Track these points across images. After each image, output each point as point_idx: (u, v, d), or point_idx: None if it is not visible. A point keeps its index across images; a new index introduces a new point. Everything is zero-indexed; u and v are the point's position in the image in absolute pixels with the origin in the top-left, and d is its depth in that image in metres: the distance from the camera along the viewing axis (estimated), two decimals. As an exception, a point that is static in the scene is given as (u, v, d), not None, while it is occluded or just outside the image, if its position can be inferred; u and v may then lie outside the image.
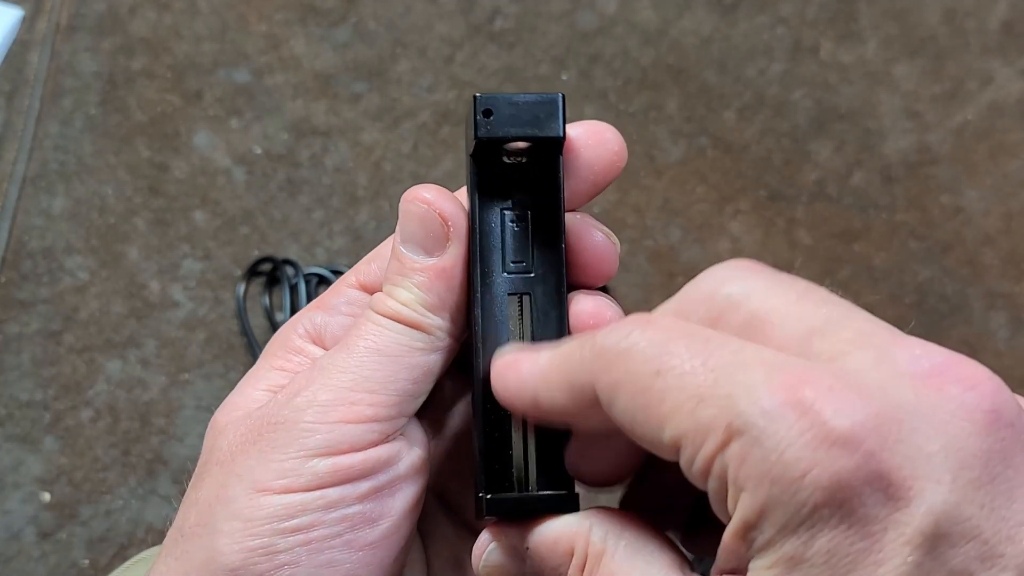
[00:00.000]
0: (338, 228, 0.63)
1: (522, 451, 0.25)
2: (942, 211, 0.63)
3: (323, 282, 0.61)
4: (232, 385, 0.61)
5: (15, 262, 0.62)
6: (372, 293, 0.26)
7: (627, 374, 0.20)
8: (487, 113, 0.25)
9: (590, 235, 0.25)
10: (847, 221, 0.63)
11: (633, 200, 0.64)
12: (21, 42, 0.69)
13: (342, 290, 0.27)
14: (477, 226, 0.25)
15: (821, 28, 0.69)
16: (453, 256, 0.24)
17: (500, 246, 0.25)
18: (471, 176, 0.26)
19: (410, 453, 0.24)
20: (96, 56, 0.69)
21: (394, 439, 0.24)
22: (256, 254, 0.62)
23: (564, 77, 0.68)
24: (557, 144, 0.25)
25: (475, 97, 0.24)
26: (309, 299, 0.60)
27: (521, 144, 0.25)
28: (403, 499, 0.24)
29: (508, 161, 0.26)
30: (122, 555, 0.54)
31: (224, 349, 0.60)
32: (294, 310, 0.59)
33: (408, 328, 0.24)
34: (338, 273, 0.61)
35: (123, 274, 0.62)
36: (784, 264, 0.62)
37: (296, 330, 0.27)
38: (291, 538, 0.22)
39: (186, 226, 0.63)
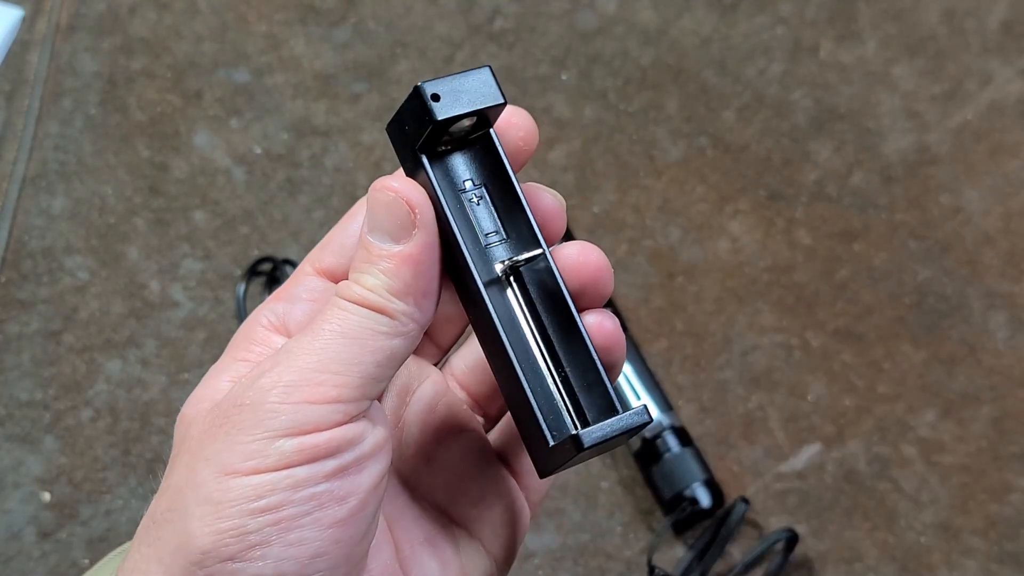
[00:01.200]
0: (338, 228, 0.63)
1: (558, 393, 0.26)
2: (941, 211, 0.63)
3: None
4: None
5: (15, 262, 0.62)
6: (330, 279, 0.27)
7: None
8: (435, 97, 0.26)
9: (540, 197, 0.27)
10: (847, 221, 0.63)
11: (633, 200, 0.64)
12: (21, 42, 0.69)
13: (301, 279, 0.28)
14: (449, 213, 0.26)
15: (821, 28, 0.69)
16: (419, 243, 0.25)
17: (470, 226, 0.27)
18: (427, 166, 0.26)
19: (374, 432, 0.25)
20: (96, 56, 0.69)
21: (358, 419, 0.24)
22: (256, 254, 0.62)
23: (564, 77, 0.68)
24: (497, 112, 0.26)
25: (419, 86, 0.26)
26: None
27: (466, 121, 0.26)
28: (369, 477, 0.24)
29: (442, 149, 0.27)
30: (122, 555, 0.54)
31: (224, 349, 0.60)
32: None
33: (373, 312, 0.24)
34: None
35: (123, 274, 0.62)
36: (784, 264, 0.62)
37: (259, 321, 0.27)
38: (260, 518, 0.23)
39: (186, 226, 0.63)
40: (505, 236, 0.27)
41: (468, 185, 0.27)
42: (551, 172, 0.64)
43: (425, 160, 0.26)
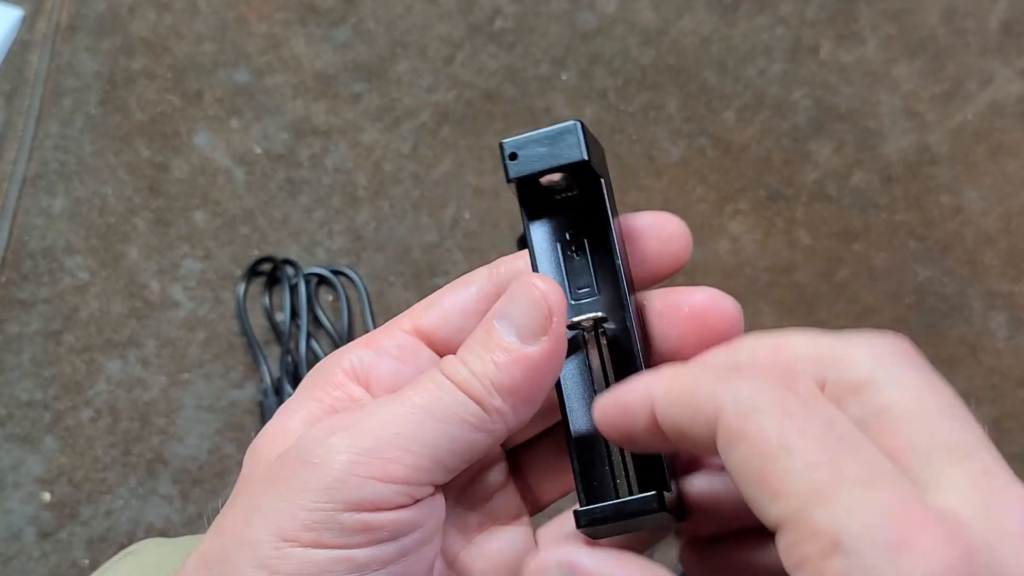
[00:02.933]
0: (338, 228, 0.63)
1: (621, 466, 0.25)
2: (942, 211, 0.63)
3: (323, 282, 0.61)
4: (233, 384, 0.61)
5: (15, 262, 0.62)
6: (425, 341, 0.26)
7: (754, 433, 0.19)
8: (513, 156, 0.26)
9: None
10: (847, 221, 0.63)
11: (633, 200, 0.64)
12: (21, 42, 0.69)
13: (394, 332, 0.26)
14: (539, 261, 0.26)
15: (821, 28, 0.69)
16: (545, 350, 0.23)
17: (563, 276, 0.26)
18: (524, 218, 0.26)
19: (433, 515, 0.24)
20: (96, 56, 0.69)
21: (421, 503, 0.23)
22: (256, 254, 0.62)
23: (564, 77, 0.68)
24: (585, 167, 0.26)
25: (501, 144, 0.26)
26: (309, 300, 0.60)
27: (555, 176, 0.26)
28: (425, 561, 0.23)
29: (559, 197, 0.27)
30: (122, 555, 0.55)
31: (224, 349, 0.60)
32: (294, 310, 0.59)
33: (468, 400, 0.23)
34: (338, 273, 0.61)
35: (123, 274, 0.62)
36: (785, 264, 0.62)
37: (341, 364, 0.26)
38: None
39: (186, 226, 0.63)
40: (597, 292, 0.26)
41: (568, 236, 0.27)
42: (551, 172, 0.65)
43: (523, 213, 0.26)
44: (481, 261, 0.64)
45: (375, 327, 0.61)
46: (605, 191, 0.26)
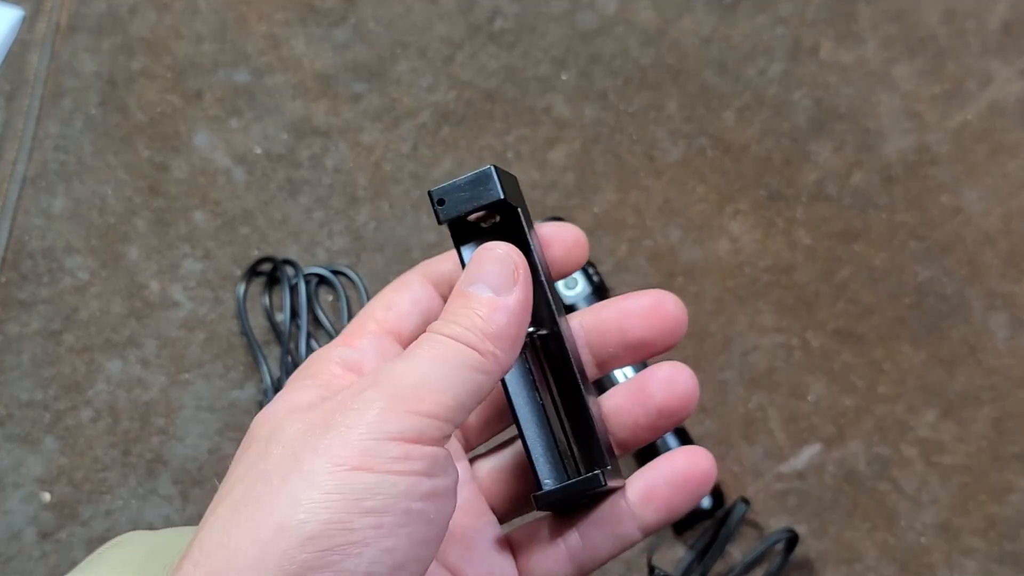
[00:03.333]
0: (338, 228, 0.63)
1: (567, 450, 0.31)
2: (942, 211, 0.63)
3: (323, 282, 0.61)
4: (233, 385, 0.61)
5: (15, 262, 0.62)
6: (392, 336, 0.31)
7: None
8: (440, 202, 0.31)
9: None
10: (847, 221, 0.63)
11: (633, 200, 0.64)
12: (21, 42, 0.69)
13: (363, 333, 0.31)
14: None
15: (821, 28, 0.69)
16: (518, 296, 0.28)
17: None
18: (458, 250, 0.32)
19: (453, 469, 0.27)
20: (96, 56, 0.69)
21: (446, 445, 0.27)
22: (256, 254, 0.62)
23: (564, 77, 0.68)
24: (501, 204, 0.30)
25: (429, 193, 0.31)
26: (309, 300, 0.60)
27: (479, 213, 0.31)
28: (449, 508, 0.27)
29: (484, 226, 0.32)
30: (122, 555, 0.55)
31: (224, 349, 0.60)
32: (294, 310, 0.59)
33: (466, 348, 0.27)
34: (338, 273, 0.61)
35: (123, 274, 0.62)
36: (784, 264, 0.62)
37: (331, 358, 0.29)
38: (365, 519, 0.24)
39: (186, 226, 0.63)
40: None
41: None
42: (551, 173, 0.64)
43: (456, 245, 0.32)
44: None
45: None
46: (522, 218, 0.31)
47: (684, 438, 0.55)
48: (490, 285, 0.28)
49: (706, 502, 0.53)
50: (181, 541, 0.27)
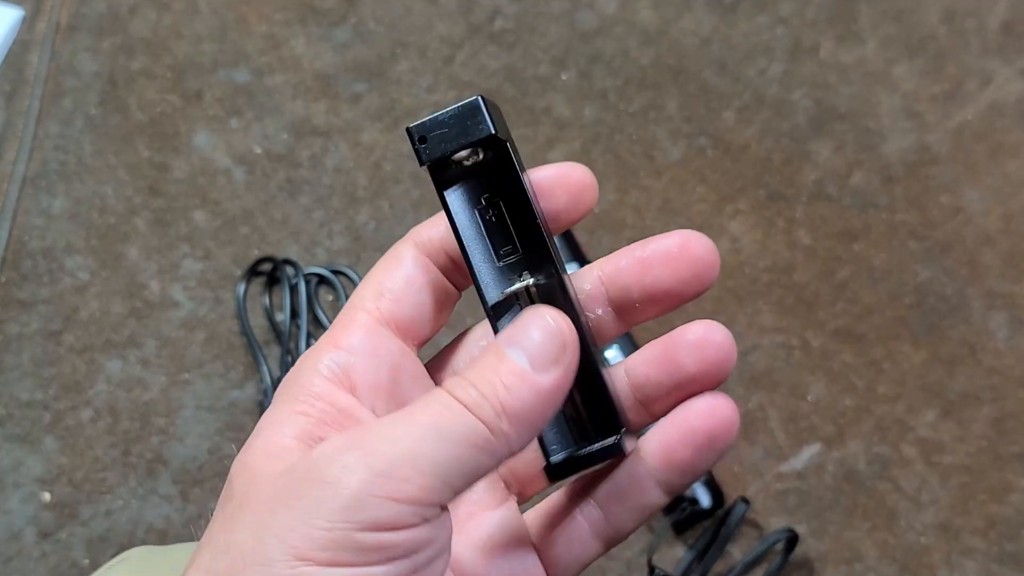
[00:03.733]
0: (338, 228, 0.63)
1: (571, 404, 0.27)
2: (942, 211, 0.63)
3: (323, 282, 0.61)
4: (233, 384, 0.61)
5: (15, 262, 0.62)
6: (394, 329, 0.27)
7: None
8: (422, 140, 0.27)
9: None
10: (847, 221, 0.63)
11: (633, 200, 0.64)
12: (21, 42, 0.69)
13: (354, 327, 0.27)
14: (462, 231, 0.27)
15: (821, 28, 0.69)
16: (555, 380, 0.24)
17: (487, 241, 0.28)
18: (439, 193, 0.28)
19: (443, 532, 0.24)
20: (96, 56, 0.69)
21: (431, 521, 0.23)
22: (256, 254, 0.62)
23: (564, 77, 0.68)
24: (494, 139, 0.27)
25: (407, 129, 0.27)
26: (309, 299, 0.60)
27: (463, 152, 0.27)
28: (437, 574, 0.24)
29: (468, 164, 0.28)
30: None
31: (224, 349, 0.60)
32: (294, 310, 0.59)
33: (476, 421, 0.23)
34: (338, 273, 0.61)
35: (123, 274, 0.62)
36: (784, 264, 0.62)
37: (318, 370, 0.26)
38: None
39: (186, 226, 0.63)
40: (520, 251, 0.28)
41: (484, 201, 0.28)
42: (551, 172, 0.65)
43: (438, 189, 0.28)
44: (481, 261, 0.64)
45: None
46: (512, 154, 0.27)
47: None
48: (529, 355, 0.24)
49: (706, 501, 0.53)
50: (187, 558, 0.24)
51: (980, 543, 0.54)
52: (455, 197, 0.28)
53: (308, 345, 0.58)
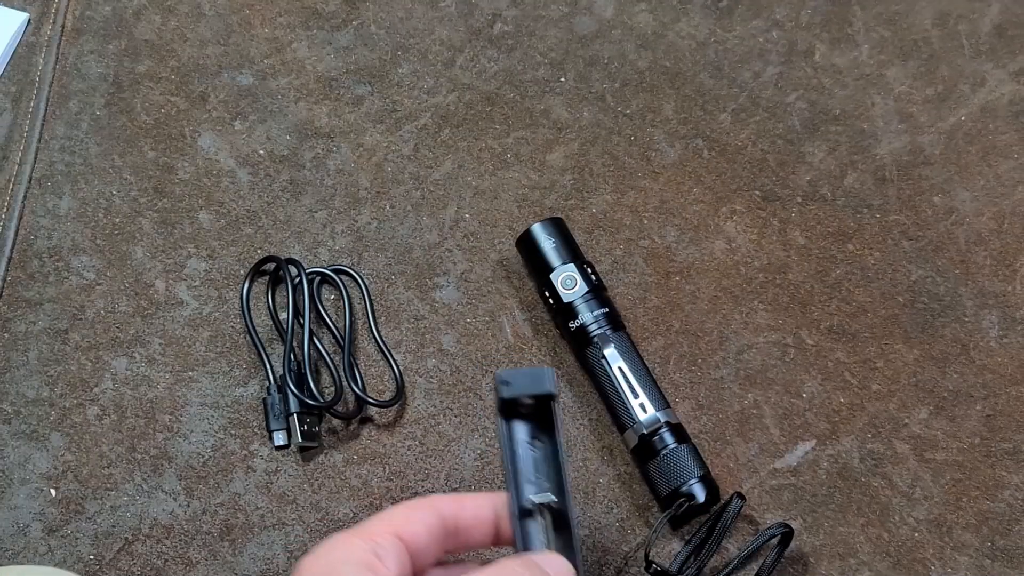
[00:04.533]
0: (340, 228, 0.64)
1: None
2: (934, 211, 0.64)
3: (326, 281, 0.62)
4: (237, 382, 0.62)
5: (22, 261, 0.63)
6: (402, 540, 0.38)
7: None
8: (505, 383, 0.41)
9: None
10: (840, 221, 0.64)
11: (630, 201, 0.65)
12: (27, 45, 0.70)
13: (382, 531, 0.39)
14: (511, 453, 0.42)
15: (815, 31, 0.70)
16: None
17: (529, 466, 0.42)
18: (504, 426, 0.42)
19: None
20: (102, 59, 0.69)
21: None
22: (260, 254, 0.63)
23: (562, 80, 0.69)
24: (550, 396, 0.41)
25: (496, 373, 0.43)
26: (312, 298, 0.61)
27: (529, 400, 0.41)
28: None
29: (523, 411, 0.42)
30: (127, 550, 0.55)
31: (228, 347, 0.61)
32: (296, 309, 0.60)
33: None
34: (340, 272, 0.62)
35: (129, 273, 0.63)
36: (779, 264, 0.63)
37: (353, 561, 0.37)
38: None
39: (191, 226, 0.64)
40: (550, 486, 0.42)
41: (531, 439, 0.43)
42: (550, 174, 0.65)
43: (502, 420, 0.42)
44: (481, 261, 0.65)
45: (376, 325, 0.61)
46: (554, 412, 0.41)
47: (680, 435, 0.56)
48: None
49: (701, 497, 0.54)
50: None
51: (972, 538, 0.55)
52: (516, 426, 0.42)
53: (311, 343, 0.59)
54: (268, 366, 0.59)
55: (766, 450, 0.57)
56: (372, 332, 0.60)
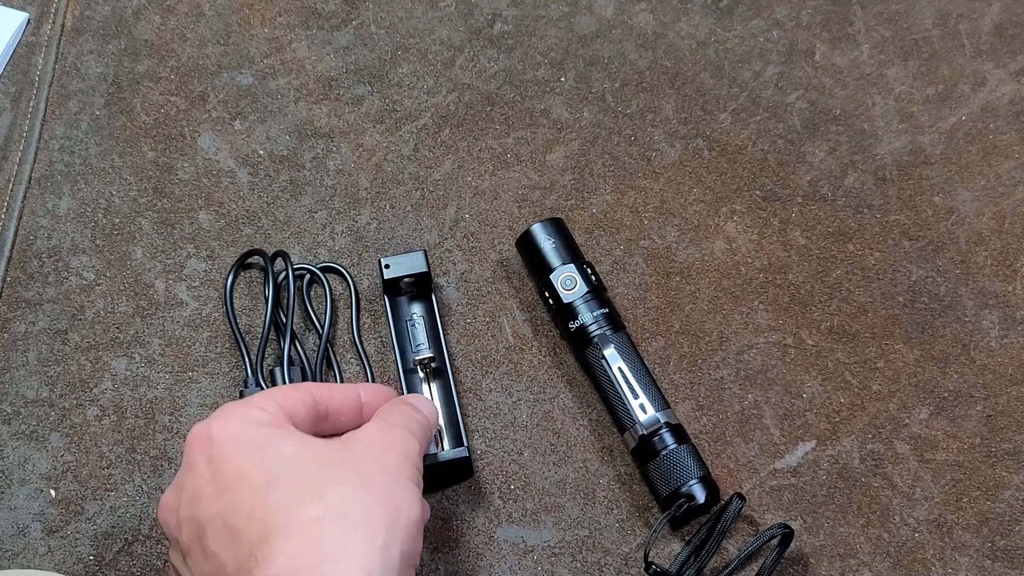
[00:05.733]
0: (340, 228, 0.64)
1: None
2: (935, 211, 0.64)
3: (314, 279, 0.62)
4: (236, 382, 0.62)
5: (21, 262, 0.63)
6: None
7: None
8: (387, 267, 0.58)
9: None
10: (841, 221, 0.64)
11: (630, 201, 0.65)
12: (27, 45, 0.70)
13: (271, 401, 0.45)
14: (394, 327, 0.58)
15: (815, 31, 0.70)
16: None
17: (410, 337, 0.58)
18: (387, 301, 0.58)
19: None
20: (101, 59, 0.69)
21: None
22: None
23: (562, 80, 0.69)
24: (425, 276, 0.58)
25: (379, 260, 0.58)
26: (299, 294, 0.61)
27: (408, 279, 0.58)
28: None
29: (404, 288, 0.59)
30: (127, 551, 0.55)
31: (228, 347, 0.61)
32: (282, 304, 0.60)
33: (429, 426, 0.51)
34: (329, 269, 0.62)
35: (129, 274, 0.63)
36: (779, 264, 0.63)
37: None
38: None
39: (191, 226, 0.64)
40: (428, 346, 0.57)
41: (414, 315, 0.59)
42: (550, 174, 0.65)
43: (386, 299, 0.59)
44: (481, 261, 0.65)
45: (357, 324, 0.62)
46: (431, 288, 0.57)
47: (680, 435, 0.56)
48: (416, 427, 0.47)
49: (701, 498, 0.54)
50: None
51: (973, 539, 0.55)
52: (399, 304, 0.57)
53: (294, 339, 0.59)
54: (246, 358, 0.59)
55: (766, 450, 0.57)
56: (352, 332, 0.60)
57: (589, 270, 0.59)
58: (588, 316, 0.57)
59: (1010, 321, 0.60)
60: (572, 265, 0.58)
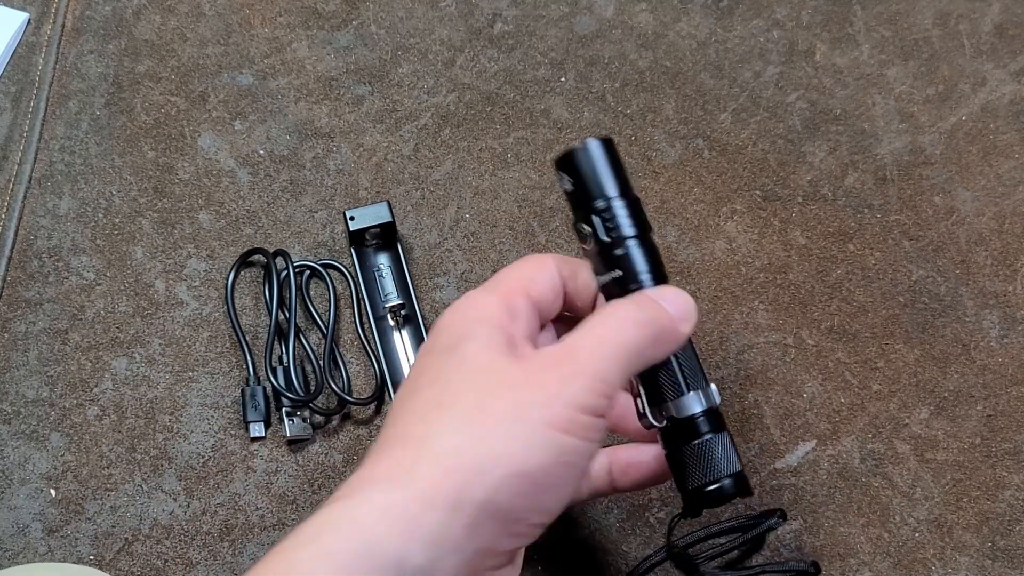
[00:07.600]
0: (341, 229, 0.64)
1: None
2: (935, 211, 0.64)
3: (314, 275, 0.62)
4: (237, 382, 0.62)
5: (22, 262, 0.63)
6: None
7: None
8: (352, 218, 0.59)
9: None
10: (841, 221, 0.64)
11: (631, 201, 0.65)
12: (27, 45, 0.70)
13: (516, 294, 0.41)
14: (362, 278, 0.59)
15: (816, 31, 0.70)
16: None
17: (378, 287, 0.59)
18: (354, 253, 0.58)
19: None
20: (102, 59, 0.69)
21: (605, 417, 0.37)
22: (259, 254, 0.63)
23: (562, 80, 0.69)
24: (390, 225, 0.59)
25: (344, 212, 0.59)
26: (300, 291, 0.61)
27: (375, 229, 0.59)
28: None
29: (369, 239, 0.59)
30: (127, 550, 0.55)
31: (228, 347, 0.61)
32: (283, 302, 0.60)
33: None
34: (329, 266, 0.62)
35: (129, 274, 0.63)
36: (779, 264, 0.63)
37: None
38: (561, 469, 0.35)
39: (191, 226, 0.64)
40: (397, 295, 0.59)
41: (381, 265, 0.60)
42: (550, 174, 0.65)
43: (352, 251, 0.60)
44: (481, 261, 0.65)
45: (362, 321, 0.62)
46: (397, 240, 0.57)
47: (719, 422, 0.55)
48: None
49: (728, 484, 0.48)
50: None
51: (973, 539, 0.55)
52: (366, 256, 0.59)
53: (297, 337, 0.59)
54: (248, 357, 0.59)
55: (766, 450, 0.57)
56: (357, 329, 0.60)
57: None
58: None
59: (1010, 321, 0.60)
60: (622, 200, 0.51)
